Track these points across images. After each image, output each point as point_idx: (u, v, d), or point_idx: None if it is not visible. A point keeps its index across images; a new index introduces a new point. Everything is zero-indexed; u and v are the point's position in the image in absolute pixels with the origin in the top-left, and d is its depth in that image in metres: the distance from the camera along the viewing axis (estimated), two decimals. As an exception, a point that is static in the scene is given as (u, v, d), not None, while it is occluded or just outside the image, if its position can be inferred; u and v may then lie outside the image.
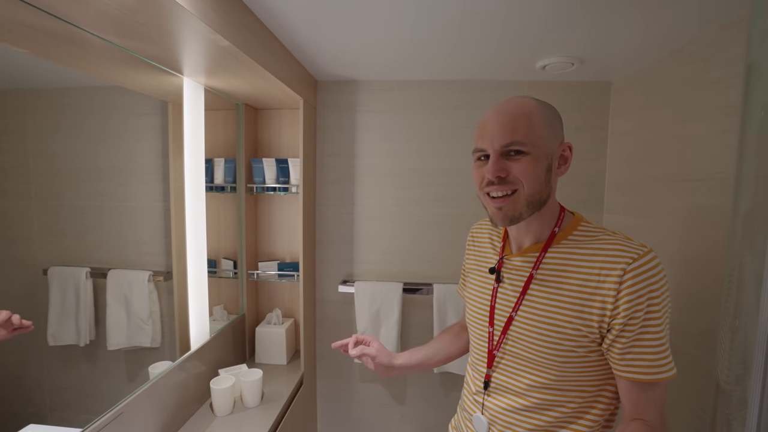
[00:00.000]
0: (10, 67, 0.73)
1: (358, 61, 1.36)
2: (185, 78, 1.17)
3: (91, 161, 0.93)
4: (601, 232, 0.71)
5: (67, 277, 0.88)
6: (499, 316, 0.77)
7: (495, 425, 0.76)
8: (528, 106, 0.69)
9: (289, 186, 1.53)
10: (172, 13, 0.72)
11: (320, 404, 1.71)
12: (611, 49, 1.19)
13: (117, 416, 0.91)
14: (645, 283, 0.63)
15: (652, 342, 0.64)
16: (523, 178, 0.67)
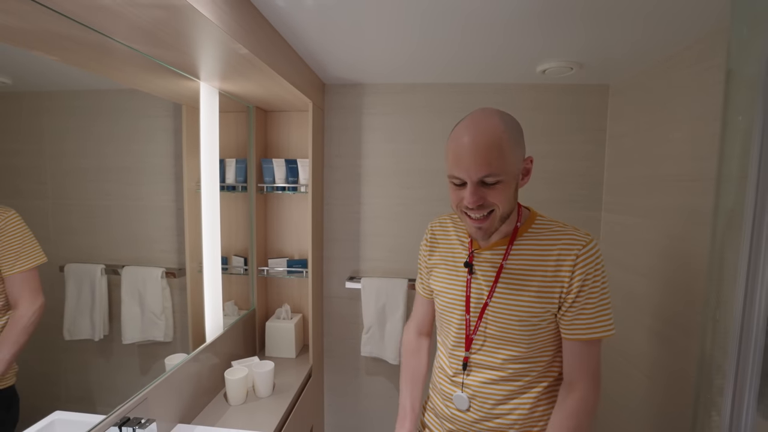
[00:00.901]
0: (31, 72, 0.76)
1: (364, 66, 1.42)
2: (202, 82, 1.23)
3: (105, 162, 0.95)
4: (554, 224, 0.86)
5: (83, 274, 0.90)
6: (474, 303, 0.87)
7: (475, 399, 0.87)
8: (498, 133, 0.75)
9: (298, 185, 1.58)
10: (199, 25, 0.78)
11: (327, 397, 1.76)
12: (609, 54, 1.24)
13: (142, 401, 0.97)
14: (591, 265, 0.80)
15: (591, 308, 0.80)
16: (498, 202, 0.77)
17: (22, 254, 0.76)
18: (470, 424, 0.88)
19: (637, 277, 1.33)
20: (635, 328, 1.34)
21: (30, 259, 0.77)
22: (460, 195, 0.79)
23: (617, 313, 1.48)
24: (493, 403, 0.86)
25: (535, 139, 1.58)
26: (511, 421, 0.85)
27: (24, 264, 0.76)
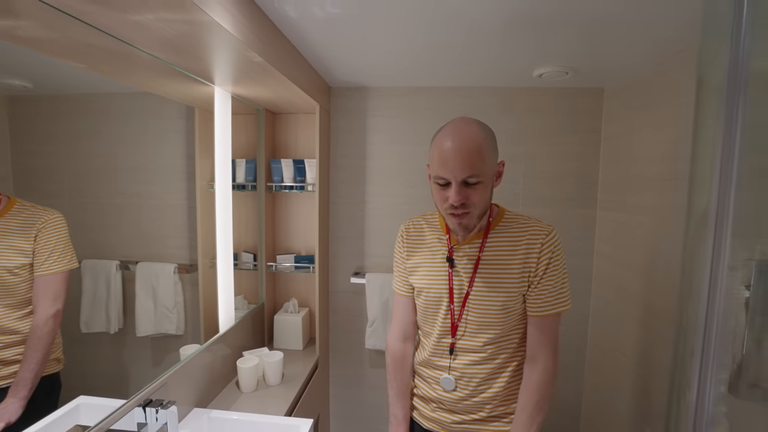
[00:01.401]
0: (50, 77, 0.78)
1: (369, 70, 1.49)
2: (216, 87, 1.30)
3: (120, 162, 0.98)
4: (520, 217, 0.99)
5: (99, 270, 0.93)
6: (457, 294, 0.97)
7: (461, 380, 0.98)
8: (478, 140, 0.85)
9: (305, 184, 1.65)
10: (219, 37, 0.85)
11: (333, 388, 1.83)
12: (601, 60, 1.30)
13: (162, 386, 1.04)
14: (552, 251, 0.93)
15: (552, 287, 0.93)
16: (478, 201, 0.88)
17: (54, 256, 0.78)
18: (456, 402, 0.99)
19: (628, 271, 1.40)
20: (625, 320, 1.41)
21: (63, 263, 0.80)
22: (445, 195, 0.88)
23: (609, 305, 1.55)
24: (476, 382, 0.97)
25: (533, 140, 1.65)
26: (491, 396, 0.97)
27: (54, 266, 0.78)
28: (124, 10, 0.72)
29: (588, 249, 1.66)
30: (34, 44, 0.74)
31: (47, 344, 0.78)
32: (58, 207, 0.80)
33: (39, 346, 0.76)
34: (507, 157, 1.65)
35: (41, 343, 0.77)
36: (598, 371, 1.63)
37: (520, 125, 1.65)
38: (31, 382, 0.75)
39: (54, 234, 0.78)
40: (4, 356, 0.73)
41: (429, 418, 1.05)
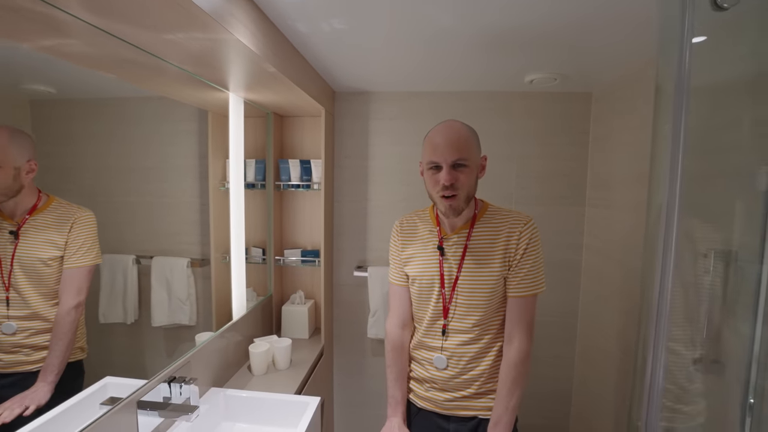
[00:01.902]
0: (71, 82, 0.82)
1: (371, 77, 1.60)
2: (231, 93, 1.41)
3: (135, 162, 1.02)
4: (501, 209, 1.11)
5: (116, 264, 0.97)
6: (447, 279, 1.08)
7: (452, 359, 1.09)
8: (464, 133, 1.01)
9: (311, 183, 1.76)
10: (239, 51, 0.95)
11: (336, 375, 1.94)
12: (588, 67, 1.41)
13: (186, 363, 1.15)
14: (530, 237, 1.05)
15: (528, 269, 1.04)
16: (465, 184, 1.00)
17: (83, 250, 0.83)
18: (447, 381, 1.09)
19: (613, 264, 1.50)
20: (611, 310, 1.51)
21: (89, 257, 0.85)
22: (437, 178, 1.01)
23: (594, 293, 1.65)
24: (465, 361, 1.08)
25: (525, 141, 1.75)
26: (478, 373, 1.08)
27: (80, 260, 0.83)
28: (159, 31, 0.83)
29: (577, 243, 1.77)
30: (74, 58, 0.83)
31: (70, 333, 0.83)
32: (79, 204, 0.85)
33: (62, 335, 0.81)
34: (501, 157, 1.76)
35: (64, 331, 0.81)
36: (587, 362, 1.73)
37: (514, 127, 1.75)
38: (58, 367, 0.80)
39: (85, 230, 0.84)
40: (36, 342, 0.78)
41: (423, 398, 1.15)
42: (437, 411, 1.14)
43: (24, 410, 0.74)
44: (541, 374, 1.83)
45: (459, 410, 1.11)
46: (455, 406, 1.11)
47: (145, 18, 0.77)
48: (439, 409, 1.13)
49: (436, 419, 1.14)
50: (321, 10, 1.00)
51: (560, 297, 1.79)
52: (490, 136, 1.71)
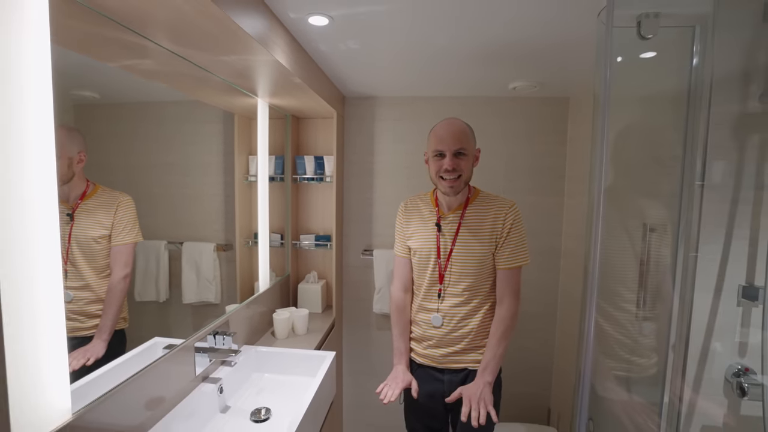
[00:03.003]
0: (112, 88, 0.92)
1: (378, 84, 1.85)
2: (259, 99, 1.66)
3: (167, 158, 1.14)
4: (490, 195, 1.33)
5: (150, 249, 1.07)
6: (443, 251, 1.30)
7: (446, 317, 1.31)
8: (464, 128, 1.25)
9: (324, 176, 2.01)
10: (274, 67, 1.21)
11: (345, 346, 2.19)
12: (561, 76, 1.66)
13: (226, 320, 1.40)
14: (514, 218, 1.27)
15: (514, 245, 1.26)
16: (464, 169, 1.24)
17: (127, 229, 0.95)
18: (442, 337, 1.31)
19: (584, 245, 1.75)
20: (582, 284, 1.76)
21: (132, 235, 0.97)
22: (441, 164, 1.23)
23: (573, 273, 1.90)
24: (457, 320, 1.29)
25: (513, 140, 1.99)
26: (468, 330, 1.30)
27: (126, 238, 0.95)
28: (218, 54, 1.08)
29: (557, 230, 2.01)
30: (143, 74, 1.04)
31: (120, 299, 0.95)
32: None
33: (114, 301, 0.94)
34: (492, 154, 2.00)
35: (115, 298, 0.94)
36: (565, 331, 1.98)
37: (503, 128, 2.00)
38: (110, 328, 0.93)
39: (127, 212, 0.95)
40: (89, 310, 0.89)
41: (422, 355, 1.37)
42: (433, 365, 1.34)
43: (87, 361, 0.87)
44: (525, 347, 2.08)
45: (451, 363, 1.32)
46: (448, 360, 1.32)
47: (210, 45, 1.03)
48: (435, 363, 1.34)
49: (433, 372, 1.35)
50: (340, 35, 1.26)
51: (543, 278, 2.04)
52: (482, 135, 1.94)
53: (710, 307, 1.09)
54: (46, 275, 0.72)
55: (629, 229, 1.20)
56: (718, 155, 1.05)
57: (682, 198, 1.09)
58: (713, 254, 1.07)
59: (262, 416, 1.25)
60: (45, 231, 0.71)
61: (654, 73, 1.13)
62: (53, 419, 0.76)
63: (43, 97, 0.69)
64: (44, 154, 0.70)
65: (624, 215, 1.19)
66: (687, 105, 1.05)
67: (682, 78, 1.07)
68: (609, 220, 0.99)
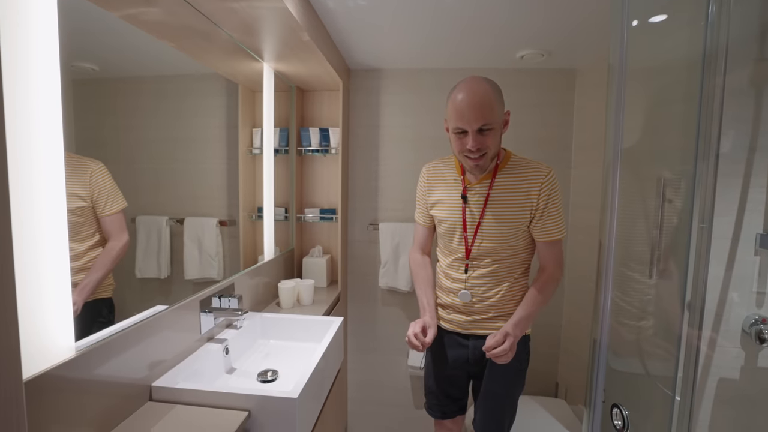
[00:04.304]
0: (113, 61, 0.88)
1: (383, 54, 1.83)
2: (264, 63, 1.64)
3: (171, 133, 1.12)
4: (523, 160, 1.18)
5: (151, 224, 1.05)
6: (470, 224, 1.20)
7: (475, 292, 1.23)
8: (489, 94, 1.05)
9: (329, 148, 1.99)
10: (284, 19, 1.19)
11: (350, 323, 2.17)
12: (569, 45, 1.64)
13: (232, 282, 1.38)
14: (551, 188, 1.14)
15: (552, 218, 1.15)
16: (490, 146, 1.09)
17: (110, 199, 0.90)
18: (468, 306, 1.24)
19: (596, 213, 1.73)
20: (591, 255, 1.74)
21: (116, 203, 0.92)
22: (464, 142, 1.08)
23: (581, 244, 1.88)
24: (483, 290, 1.22)
25: (521, 111, 1.97)
26: (493, 302, 1.22)
27: (112, 207, 0.91)
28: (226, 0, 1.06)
29: (564, 201, 1.99)
30: (146, 26, 0.99)
31: (110, 264, 0.92)
32: (112, 172, 0.90)
33: (107, 261, 0.91)
34: (496, 126, 1.98)
35: (110, 258, 0.92)
36: (573, 303, 1.96)
37: (511, 99, 1.95)
38: (91, 288, 0.87)
39: (103, 180, 0.88)
40: (76, 281, 0.83)
41: (447, 320, 1.30)
42: (458, 331, 1.28)
43: None
44: (532, 320, 2.05)
45: (477, 329, 1.25)
46: (473, 326, 1.25)
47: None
48: (460, 329, 1.28)
49: (458, 338, 1.29)
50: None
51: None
52: (487, 107, 1.94)
53: (727, 257, 1.07)
54: (48, 218, 0.73)
55: (643, 188, 1.18)
56: (733, 106, 1.03)
57: (698, 150, 1.07)
58: (730, 203, 1.05)
59: (269, 377, 1.23)
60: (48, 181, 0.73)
61: (667, 37, 1.12)
62: (58, 354, 0.75)
63: (49, 57, 0.70)
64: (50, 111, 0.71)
65: (637, 174, 1.17)
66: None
67: (696, 40, 1.04)
68: (622, 178, 0.96)
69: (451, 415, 1.38)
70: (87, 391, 0.80)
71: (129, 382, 0.92)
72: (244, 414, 0.94)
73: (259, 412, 0.96)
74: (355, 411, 2.21)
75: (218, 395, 0.97)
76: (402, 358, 2.13)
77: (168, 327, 1.07)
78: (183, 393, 0.98)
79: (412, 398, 2.15)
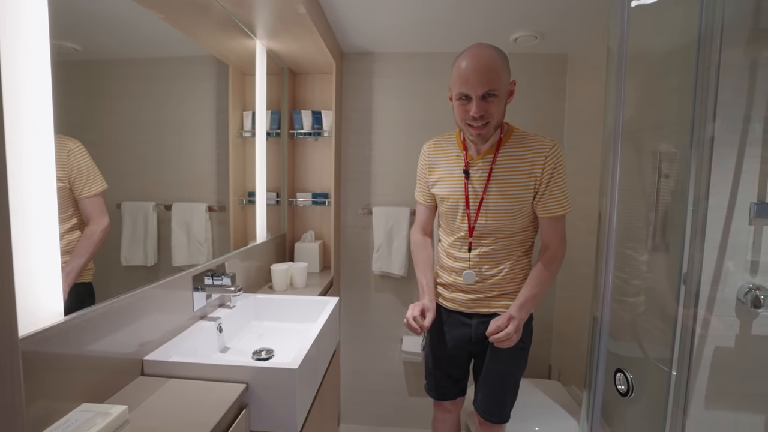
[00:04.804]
0: (96, 42, 0.84)
1: (376, 35, 1.81)
2: (257, 41, 1.60)
3: (158, 117, 1.08)
4: (527, 134, 1.16)
5: (137, 210, 1.01)
6: (473, 200, 1.17)
7: (478, 271, 1.21)
8: (495, 59, 1.02)
9: (322, 131, 1.96)
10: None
11: (342, 310, 2.13)
12: (563, 26, 1.65)
13: (223, 262, 1.33)
14: (555, 162, 1.11)
15: (557, 194, 1.13)
16: (494, 113, 1.05)
17: (89, 180, 0.85)
18: (471, 285, 1.22)
19: (584, 194, 1.75)
20: (586, 235, 1.75)
21: (96, 185, 0.87)
22: (467, 109, 1.05)
23: (574, 226, 1.89)
24: (486, 269, 1.20)
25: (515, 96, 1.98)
26: (497, 281, 1.20)
27: (92, 189, 0.86)
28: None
29: (556, 187, 2.01)
30: None
31: (95, 245, 0.88)
32: (97, 156, 0.86)
33: (89, 246, 0.87)
34: (490, 110, 1.99)
35: (91, 242, 0.87)
36: (565, 287, 1.97)
37: (501, 85, 1.98)
38: (80, 270, 0.85)
39: (81, 159, 0.83)
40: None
41: (448, 299, 1.28)
42: (461, 310, 1.26)
43: None
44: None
45: (480, 308, 1.23)
46: (476, 305, 1.23)
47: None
48: (462, 308, 1.25)
49: (460, 317, 1.27)
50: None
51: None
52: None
53: (722, 228, 1.09)
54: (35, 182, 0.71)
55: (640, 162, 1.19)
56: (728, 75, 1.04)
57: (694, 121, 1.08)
58: (726, 173, 1.06)
59: (264, 356, 1.19)
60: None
61: (663, 13, 1.13)
62: (46, 319, 0.73)
63: (38, 31, 0.69)
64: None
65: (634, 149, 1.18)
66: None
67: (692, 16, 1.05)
68: (606, 168, 0.96)
69: (452, 396, 1.36)
70: (74, 363, 0.76)
71: (119, 356, 0.88)
72: (241, 386, 0.90)
73: (257, 386, 0.93)
74: (348, 399, 2.18)
75: (214, 368, 0.93)
76: (396, 344, 2.11)
77: (159, 303, 1.03)
78: (177, 366, 0.94)
79: (407, 385, 2.13)
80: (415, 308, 1.18)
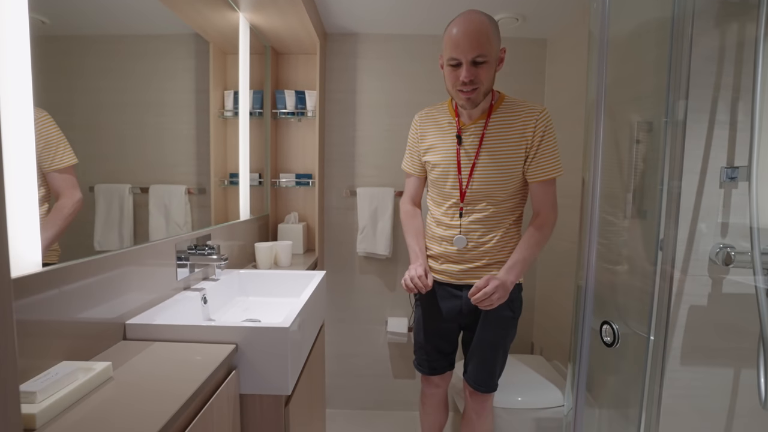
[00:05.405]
0: (68, 15, 0.80)
1: (360, 13, 1.80)
2: (240, 13, 1.57)
3: (135, 97, 1.03)
4: (517, 100, 1.20)
5: (112, 193, 0.97)
6: (465, 166, 1.19)
7: (469, 236, 1.22)
8: (485, 24, 1.04)
9: (306, 111, 1.94)
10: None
11: (327, 294, 2.12)
12: (544, 9, 1.70)
13: (209, 233, 1.30)
14: (545, 126, 1.14)
15: (547, 157, 1.15)
16: (484, 79, 1.07)
17: (58, 153, 0.81)
18: (462, 254, 1.23)
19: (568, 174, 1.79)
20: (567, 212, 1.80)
21: (65, 159, 0.82)
22: (457, 74, 1.07)
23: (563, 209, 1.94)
24: (478, 235, 1.21)
25: (493, 80, 2.02)
26: (488, 248, 1.21)
27: (60, 162, 0.81)
28: None
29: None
30: None
31: (66, 218, 0.83)
32: (71, 137, 0.83)
33: (58, 219, 0.81)
34: (472, 93, 2.02)
35: (61, 215, 0.82)
36: (547, 265, 2.02)
37: (483, 68, 2.02)
38: (48, 243, 0.79)
39: (51, 131, 0.80)
40: None
41: (438, 271, 1.28)
42: (451, 282, 1.26)
43: None
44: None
45: (470, 279, 1.23)
46: (467, 276, 1.23)
47: None
48: (452, 280, 1.26)
49: (451, 289, 1.27)
50: None
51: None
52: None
53: (695, 192, 1.14)
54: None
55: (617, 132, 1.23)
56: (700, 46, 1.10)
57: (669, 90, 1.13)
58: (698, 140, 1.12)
59: (251, 325, 1.17)
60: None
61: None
62: (25, 267, 0.70)
63: None
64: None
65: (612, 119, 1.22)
66: None
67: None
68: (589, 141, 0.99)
69: (441, 370, 1.37)
70: (53, 323, 0.73)
71: (98, 321, 0.84)
72: (231, 347, 0.88)
73: (247, 347, 0.91)
74: (333, 384, 2.16)
75: (201, 329, 0.91)
76: (381, 327, 2.11)
77: (140, 268, 1.00)
78: (161, 329, 0.91)
79: (391, 368, 2.13)
80: (418, 268, 1.19)
